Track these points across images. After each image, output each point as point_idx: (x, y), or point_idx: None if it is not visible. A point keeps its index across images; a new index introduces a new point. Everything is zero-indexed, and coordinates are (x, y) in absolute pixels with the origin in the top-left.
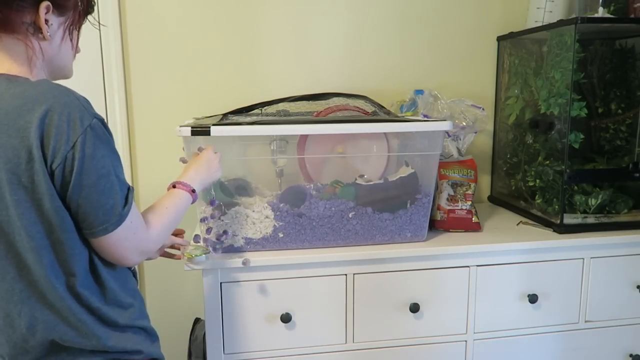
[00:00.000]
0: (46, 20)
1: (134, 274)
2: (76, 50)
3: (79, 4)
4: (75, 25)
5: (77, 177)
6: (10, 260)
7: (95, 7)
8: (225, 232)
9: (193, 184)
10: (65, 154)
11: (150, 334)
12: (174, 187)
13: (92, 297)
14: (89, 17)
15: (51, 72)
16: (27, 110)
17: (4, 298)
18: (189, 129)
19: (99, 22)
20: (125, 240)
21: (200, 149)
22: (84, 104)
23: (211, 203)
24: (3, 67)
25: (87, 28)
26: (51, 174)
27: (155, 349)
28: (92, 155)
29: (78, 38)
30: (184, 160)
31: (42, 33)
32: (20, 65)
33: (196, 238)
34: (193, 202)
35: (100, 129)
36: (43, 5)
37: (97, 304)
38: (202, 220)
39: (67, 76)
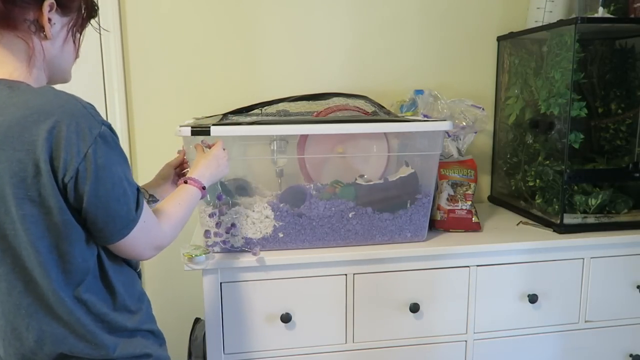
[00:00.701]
0: (49, 19)
1: (139, 275)
2: (77, 55)
3: (82, 7)
4: (78, 28)
5: (92, 189)
6: (17, 274)
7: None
8: (233, 224)
9: (203, 180)
10: (77, 166)
11: (158, 337)
12: (185, 182)
13: (99, 302)
14: (92, 21)
15: (51, 75)
16: (33, 122)
17: (12, 312)
18: (189, 129)
19: (100, 26)
20: (140, 239)
21: (203, 142)
22: (91, 112)
23: (218, 198)
24: (4, 69)
25: (88, 29)
26: (63, 188)
27: (163, 352)
28: (104, 164)
29: (80, 42)
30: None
31: (44, 32)
32: (20, 63)
33: (207, 234)
34: (202, 198)
35: (109, 136)
36: (47, 3)
37: (105, 310)
38: (211, 215)
39: (66, 80)
